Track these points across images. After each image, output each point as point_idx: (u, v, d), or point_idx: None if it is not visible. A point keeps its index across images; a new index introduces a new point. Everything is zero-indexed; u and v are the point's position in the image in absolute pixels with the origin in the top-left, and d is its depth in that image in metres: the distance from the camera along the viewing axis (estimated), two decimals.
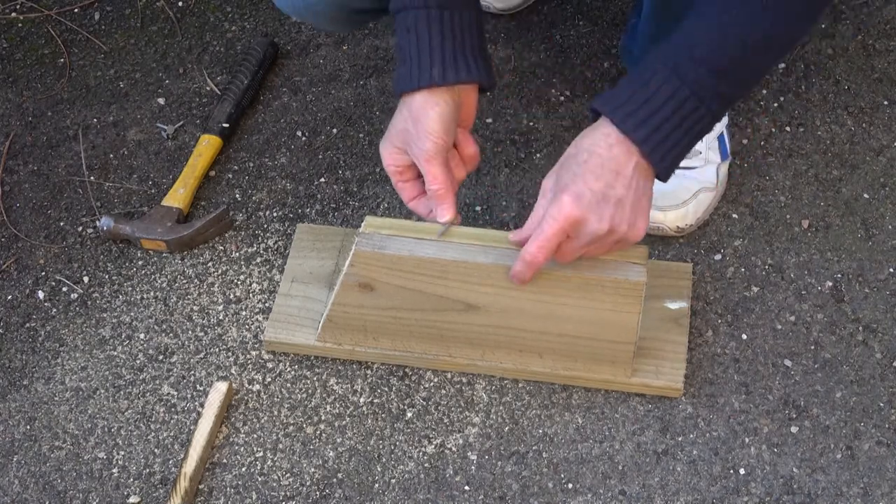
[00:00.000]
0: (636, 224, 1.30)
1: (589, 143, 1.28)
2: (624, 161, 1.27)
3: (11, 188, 1.75)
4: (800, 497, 1.45)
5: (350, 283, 1.45)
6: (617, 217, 1.28)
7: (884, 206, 1.69)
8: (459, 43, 1.33)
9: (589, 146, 1.28)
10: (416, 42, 1.33)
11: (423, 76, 1.33)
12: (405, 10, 1.33)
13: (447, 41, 1.32)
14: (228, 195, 1.73)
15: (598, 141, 1.27)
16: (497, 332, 1.49)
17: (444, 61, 1.32)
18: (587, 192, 1.26)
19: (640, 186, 1.28)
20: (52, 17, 1.94)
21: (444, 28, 1.32)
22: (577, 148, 1.29)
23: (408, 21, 1.33)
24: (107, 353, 1.59)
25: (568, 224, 1.28)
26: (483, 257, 1.41)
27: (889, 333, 1.57)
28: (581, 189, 1.26)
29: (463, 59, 1.33)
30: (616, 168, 1.26)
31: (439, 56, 1.32)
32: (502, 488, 1.47)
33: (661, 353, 1.52)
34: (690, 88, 1.25)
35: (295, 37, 1.90)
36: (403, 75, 1.34)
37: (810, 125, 1.77)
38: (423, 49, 1.32)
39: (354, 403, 1.54)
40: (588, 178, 1.26)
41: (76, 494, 1.48)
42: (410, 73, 1.33)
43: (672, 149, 1.28)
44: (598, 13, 1.90)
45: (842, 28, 1.87)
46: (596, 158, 1.27)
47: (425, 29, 1.32)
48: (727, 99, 1.29)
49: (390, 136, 1.39)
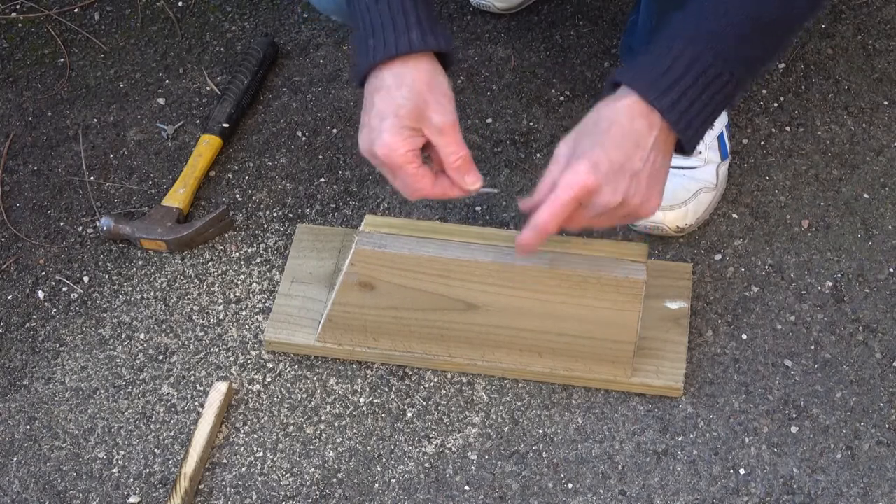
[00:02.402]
0: (649, 200, 1.26)
1: (610, 112, 1.24)
2: (645, 134, 1.23)
3: (11, 188, 1.75)
4: (800, 497, 1.45)
5: (350, 282, 1.45)
6: (631, 190, 1.24)
7: (884, 206, 1.69)
8: (424, 10, 1.24)
9: (610, 115, 1.24)
10: (388, 9, 1.23)
11: (426, 39, 1.23)
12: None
13: (421, 8, 1.24)
14: (228, 195, 1.73)
15: (620, 111, 1.23)
16: (497, 331, 1.49)
17: (430, 23, 1.24)
18: (605, 161, 1.22)
19: (658, 161, 1.25)
20: (52, 17, 1.94)
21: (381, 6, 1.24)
22: (598, 115, 1.25)
23: (352, 9, 1.26)
24: (107, 353, 1.59)
25: (583, 193, 1.23)
26: (483, 256, 1.41)
27: (889, 333, 1.57)
28: (599, 158, 1.22)
29: (439, 26, 1.26)
30: (637, 140, 1.23)
31: (426, 17, 1.24)
32: (502, 488, 1.47)
33: (661, 353, 1.52)
34: (713, 53, 1.21)
35: (295, 37, 1.91)
36: (383, 43, 1.24)
37: (810, 125, 1.77)
38: (409, 11, 1.23)
39: (354, 403, 1.54)
40: (608, 148, 1.22)
41: (76, 494, 1.48)
42: (396, 40, 1.23)
43: (697, 116, 1.24)
44: (598, 13, 1.90)
45: (842, 28, 1.87)
46: (617, 128, 1.23)
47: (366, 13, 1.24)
48: (751, 64, 1.25)
49: (398, 119, 1.25)
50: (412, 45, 1.23)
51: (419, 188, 1.28)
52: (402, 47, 1.23)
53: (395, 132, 1.25)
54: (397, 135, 1.25)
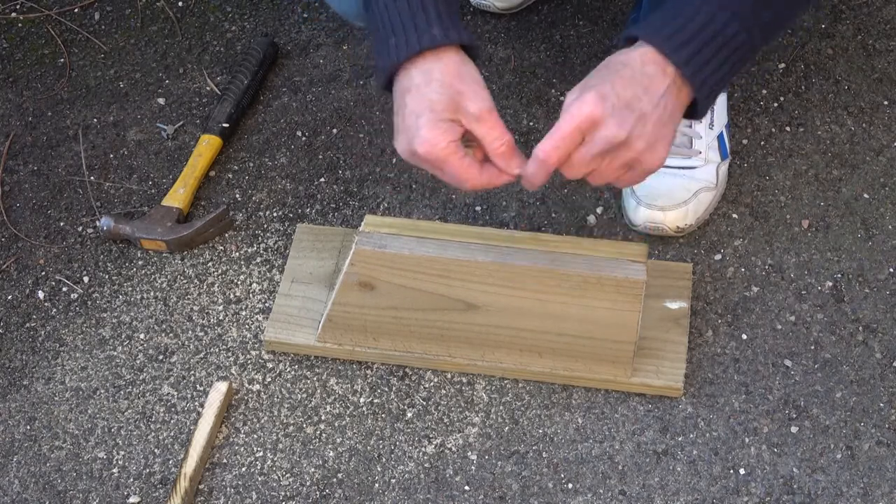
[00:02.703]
0: (655, 147, 1.21)
1: (623, 58, 1.21)
2: (657, 80, 1.19)
3: (11, 188, 1.75)
4: (800, 497, 1.45)
5: (350, 282, 1.45)
6: (637, 130, 1.19)
7: (884, 206, 1.69)
8: (444, 5, 1.22)
9: (623, 60, 1.20)
10: (407, 6, 1.21)
11: (449, 33, 1.20)
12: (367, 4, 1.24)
13: (441, 3, 1.21)
14: (228, 195, 1.73)
15: (633, 57, 1.20)
16: (497, 331, 1.49)
17: (451, 18, 1.21)
18: (612, 94, 1.18)
19: (668, 109, 1.20)
20: (52, 17, 1.94)
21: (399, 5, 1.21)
22: (609, 61, 1.21)
23: (369, 10, 1.23)
24: (107, 353, 1.59)
25: (586, 122, 1.19)
26: (483, 256, 1.41)
27: (889, 333, 1.57)
28: (607, 90, 1.18)
29: (458, 20, 1.23)
30: (647, 84, 1.19)
31: (446, 12, 1.20)
32: (502, 488, 1.47)
33: (661, 353, 1.52)
34: (730, 13, 1.19)
35: (295, 37, 1.91)
36: (405, 41, 1.21)
37: (810, 125, 1.77)
38: (429, 7, 1.20)
39: (354, 403, 1.54)
40: (616, 83, 1.19)
41: (76, 494, 1.48)
42: (419, 36, 1.20)
43: (712, 75, 1.21)
44: (598, 13, 1.90)
45: (842, 28, 1.87)
46: (628, 70, 1.19)
47: (384, 12, 1.21)
48: (767, 28, 1.23)
49: (434, 114, 1.21)
50: (435, 40, 1.20)
51: (467, 178, 1.24)
52: (425, 42, 1.20)
53: (432, 126, 1.21)
54: (435, 128, 1.21)
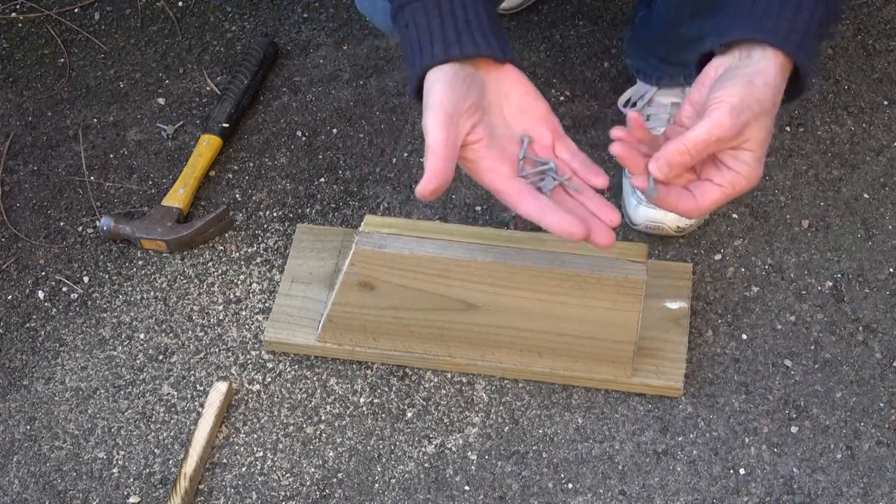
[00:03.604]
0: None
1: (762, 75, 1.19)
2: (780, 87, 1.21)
3: (11, 188, 1.75)
4: (800, 497, 1.45)
5: (350, 282, 1.45)
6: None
7: (884, 206, 1.69)
8: (463, 23, 1.21)
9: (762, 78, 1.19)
10: (415, 32, 1.22)
11: (423, 58, 1.20)
12: (401, 8, 1.24)
13: (447, 22, 1.21)
14: (228, 195, 1.73)
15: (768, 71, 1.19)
16: (497, 331, 1.49)
17: (446, 39, 1.20)
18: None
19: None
20: (52, 17, 1.94)
21: (444, 12, 1.21)
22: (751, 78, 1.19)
23: (405, 17, 1.24)
24: (107, 353, 1.59)
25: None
26: (483, 256, 1.41)
27: (889, 333, 1.57)
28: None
29: (468, 35, 1.21)
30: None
31: (440, 36, 1.21)
32: (502, 488, 1.47)
33: (661, 353, 1.52)
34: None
35: (295, 37, 1.91)
36: (410, 69, 1.22)
37: (810, 125, 1.77)
38: (423, 33, 1.21)
39: (354, 403, 1.54)
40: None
41: (76, 494, 1.48)
42: (415, 61, 1.21)
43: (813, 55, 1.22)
44: (598, 13, 1.90)
45: (842, 28, 1.87)
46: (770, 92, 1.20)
47: (423, 17, 1.22)
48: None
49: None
50: (434, 58, 1.20)
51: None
52: (425, 62, 1.20)
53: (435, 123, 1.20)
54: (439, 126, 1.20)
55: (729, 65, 1.19)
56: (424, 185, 1.16)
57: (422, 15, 1.22)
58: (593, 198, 1.22)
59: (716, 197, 1.19)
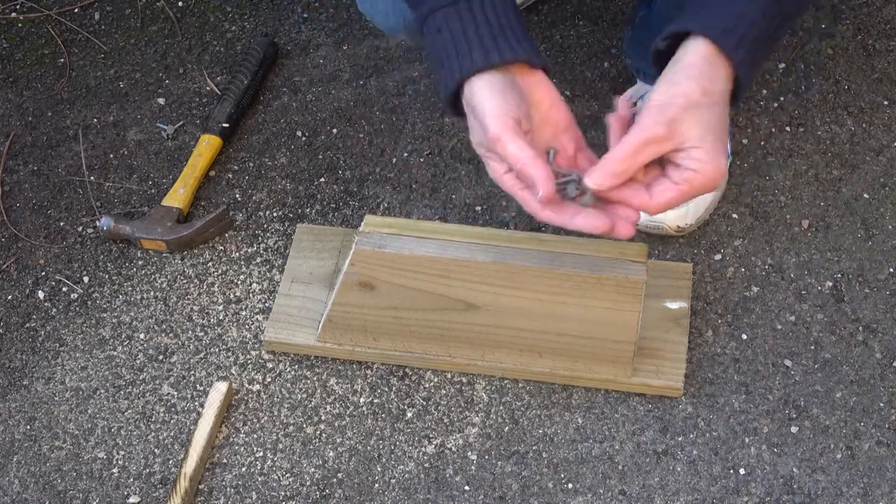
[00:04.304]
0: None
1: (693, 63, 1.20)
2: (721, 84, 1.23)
3: (11, 188, 1.75)
4: (800, 497, 1.45)
5: (350, 282, 1.45)
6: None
7: (884, 206, 1.69)
8: (497, 28, 1.21)
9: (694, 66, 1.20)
10: (450, 37, 1.21)
11: (463, 63, 1.20)
12: (432, 13, 1.24)
13: (482, 27, 1.21)
14: (228, 195, 1.73)
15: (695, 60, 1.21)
16: (497, 331, 1.49)
17: (484, 44, 1.20)
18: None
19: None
20: (52, 17, 1.94)
21: (477, 17, 1.21)
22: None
23: (437, 22, 1.23)
24: (107, 353, 1.59)
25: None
26: (483, 256, 1.41)
27: (889, 333, 1.57)
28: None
29: (504, 40, 1.21)
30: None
31: (477, 41, 1.21)
32: (502, 488, 1.47)
33: (661, 353, 1.52)
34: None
35: (295, 37, 1.91)
36: (445, 75, 1.22)
37: (810, 125, 1.77)
38: (459, 38, 1.21)
39: (354, 403, 1.54)
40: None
41: (76, 494, 1.48)
42: (451, 66, 1.21)
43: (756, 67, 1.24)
44: (598, 13, 1.90)
45: (842, 28, 1.87)
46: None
47: (457, 21, 1.21)
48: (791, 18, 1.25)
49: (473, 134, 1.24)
50: (474, 64, 1.21)
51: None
52: (464, 70, 1.21)
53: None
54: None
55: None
56: (545, 193, 1.18)
57: (455, 19, 1.21)
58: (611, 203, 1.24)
59: (672, 195, 1.20)
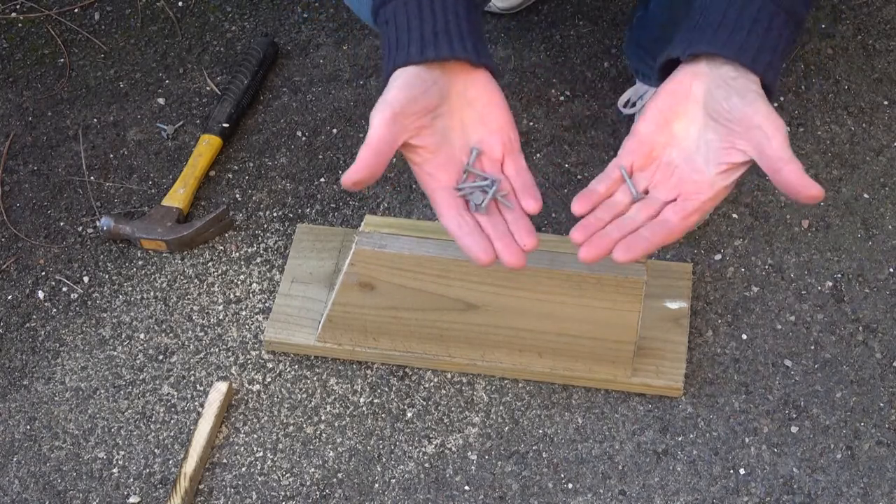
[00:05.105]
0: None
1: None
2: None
3: (11, 188, 1.75)
4: (800, 497, 1.45)
5: (350, 282, 1.45)
6: None
7: (884, 206, 1.69)
8: (442, 24, 1.20)
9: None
10: (394, 29, 1.20)
11: (398, 56, 1.18)
12: (384, 4, 1.23)
13: (426, 22, 1.20)
14: (228, 195, 1.73)
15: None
16: (497, 331, 1.49)
17: (423, 39, 1.19)
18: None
19: None
20: (52, 17, 1.94)
21: (423, 11, 1.20)
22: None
23: (387, 14, 1.22)
24: (107, 353, 1.59)
25: None
26: None
27: (889, 333, 1.57)
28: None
29: (445, 37, 1.19)
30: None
31: (418, 36, 1.19)
32: (502, 488, 1.47)
33: (661, 353, 1.52)
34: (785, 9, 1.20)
35: (295, 37, 1.91)
36: (384, 65, 1.21)
37: (810, 125, 1.77)
38: (402, 32, 1.20)
39: (354, 403, 1.54)
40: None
41: (76, 494, 1.48)
42: (390, 58, 1.20)
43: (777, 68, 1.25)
44: (598, 13, 1.90)
45: (842, 28, 1.87)
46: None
47: (403, 15, 1.20)
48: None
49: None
50: (409, 57, 1.19)
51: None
52: (398, 61, 1.20)
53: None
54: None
55: None
56: (349, 175, 1.18)
57: (402, 13, 1.21)
58: (519, 219, 1.21)
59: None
